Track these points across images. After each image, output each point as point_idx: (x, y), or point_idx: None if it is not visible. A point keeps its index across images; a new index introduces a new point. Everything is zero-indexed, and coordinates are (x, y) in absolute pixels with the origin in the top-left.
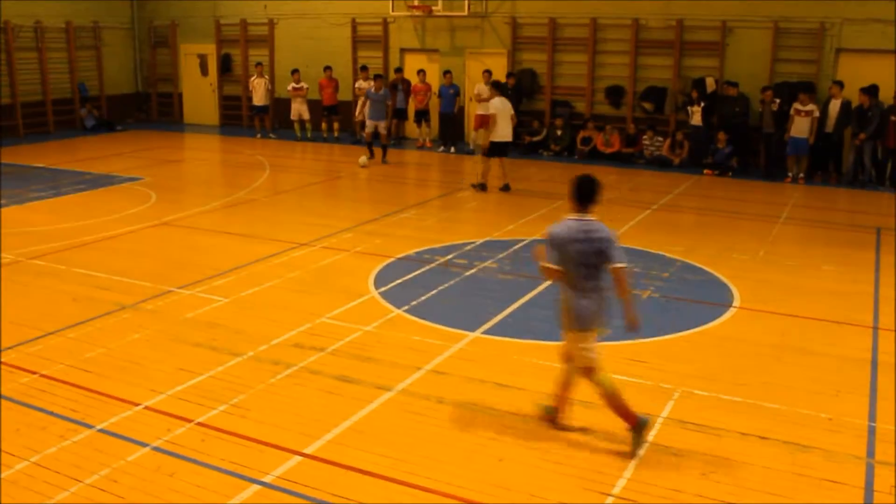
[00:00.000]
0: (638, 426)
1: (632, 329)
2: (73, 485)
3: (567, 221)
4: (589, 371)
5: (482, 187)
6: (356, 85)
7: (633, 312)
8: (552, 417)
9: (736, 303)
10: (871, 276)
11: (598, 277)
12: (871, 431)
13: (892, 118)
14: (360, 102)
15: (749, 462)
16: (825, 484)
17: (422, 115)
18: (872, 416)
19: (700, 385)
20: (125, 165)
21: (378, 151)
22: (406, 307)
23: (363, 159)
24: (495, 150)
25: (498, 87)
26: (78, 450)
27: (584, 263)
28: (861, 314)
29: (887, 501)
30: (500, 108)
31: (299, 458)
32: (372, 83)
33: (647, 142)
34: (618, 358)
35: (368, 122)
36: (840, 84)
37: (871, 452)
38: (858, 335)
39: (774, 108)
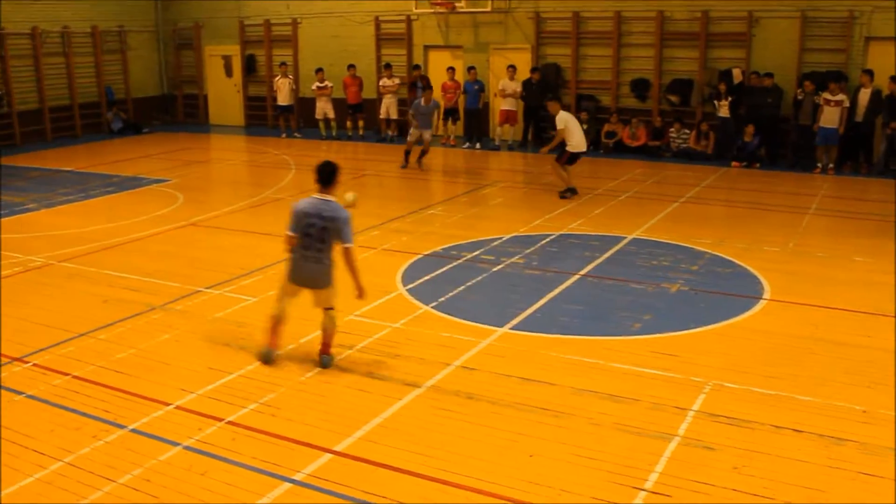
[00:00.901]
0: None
1: (360, 297)
2: (106, 484)
3: (309, 198)
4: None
5: (572, 191)
6: (380, 83)
7: (360, 283)
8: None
9: (766, 295)
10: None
11: (320, 250)
12: None
13: None
14: (384, 101)
15: (783, 455)
16: (861, 477)
17: (450, 113)
18: None
19: (731, 378)
20: (152, 167)
21: (414, 155)
22: (434, 303)
23: (349, 196)
24: (573, 159)
25: (559, 100)
26: (111, 450)
27: (310, 234)
28: (894, 304)
29: None
30: (568, 119)
31: (330, 455)
32: (421, 93)
33: (673, 134)
34: (647, 351)
35: (413, 131)
36: (870, 73)
37: None
38: (891, 326)
39: (818, 100)
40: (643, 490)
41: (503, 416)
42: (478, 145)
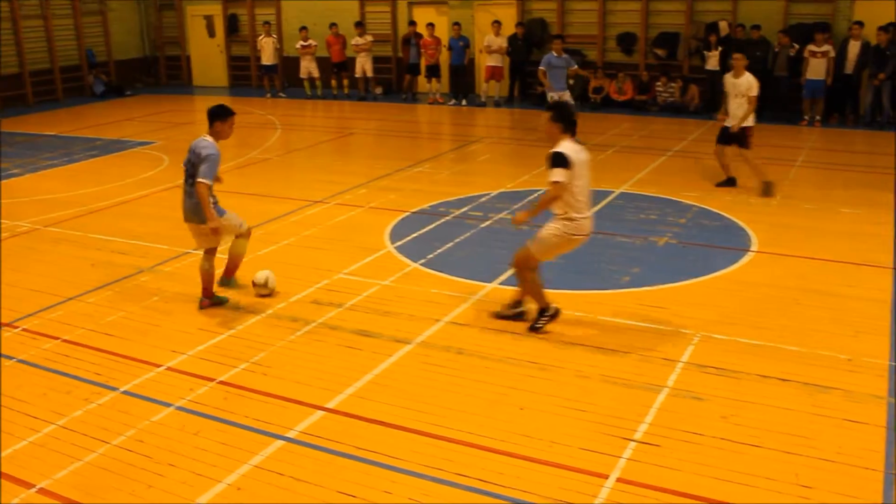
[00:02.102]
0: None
1: (214, 233)
2: (100, 446)
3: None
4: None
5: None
6: (353, 42)
7: (211, 217)
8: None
9: (754, 247)
10: (890, 217)
11: (191, 185)
12: (892, 371)
13: None
14: (358, 60)
15: (769, 404)
16: (845, 424)
17: (432, 70)
18: (893, 356)
19: (719, 329)
20: (136, 130)
21: None
22: (423, 261)
23: (260, 278)
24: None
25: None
26: (103, 412)
27: (186, 170)
28: (880, 255)
29: None
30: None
31: (322, 412)
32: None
33: (660, 88)
34: (635, 304)
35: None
36: (860, 24)
37: (891, 391)
38: (878, 276)
39: (792, 52)
40: (633, 441)
41: (493, 371)
42: (464, 102)
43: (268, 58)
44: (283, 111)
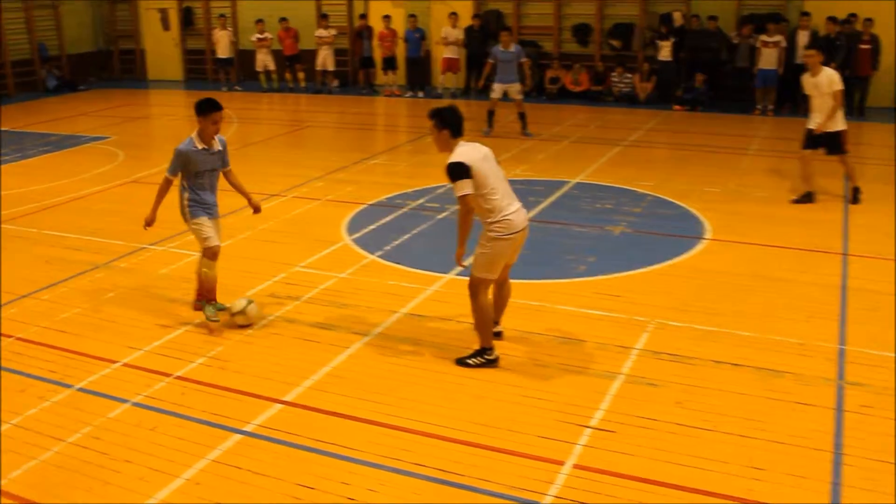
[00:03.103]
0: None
1: (145, 226)
2: (55, 444)
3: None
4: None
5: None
6: (316, 34)
7: (150, 212)
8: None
9: (708, 234)
10: (840, 205)
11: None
12: (841, 354)
13: (860, 46)
14: (320, 53)
15: (723, 389)
16: (798, 407)
17: (389, 63)
18: (842, 340)
19: (674, 316)
20: (90, 125)
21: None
22: (380, 252)
23: (239, 306)
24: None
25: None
26: (59, 410)
27: None
28: (831, 241)
29: (858, 420)
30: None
31: (280, 405)
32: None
33: (615, 79)
34: (591, 293)
35: (496, 87)
36: (808, 14)
37: (841, 374)
38: (829, 262)
39: (756, 42)
40: (589, 427)
41: (450, 361)
42: (421, 94)
43: (223, 51)
44: (239, 105)
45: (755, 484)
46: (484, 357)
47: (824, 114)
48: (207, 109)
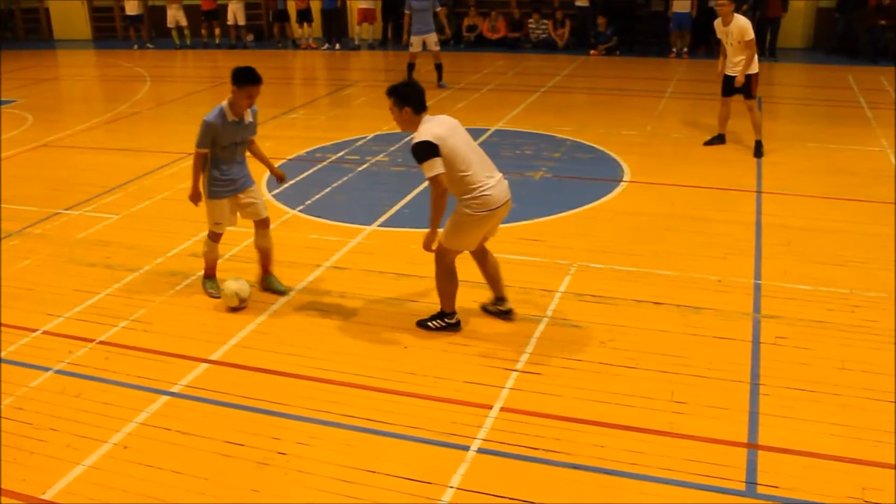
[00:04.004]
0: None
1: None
2: None
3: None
4: None
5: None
6: None
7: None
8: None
9: (626, 177)
10: (753, 143)
11: None
12: (757, 289)
13: None
14: (230, 7)
15: (645, 327)
16: (717, 341)
17: (304, 15)
18: (758, 275)
19: (595, 258)
20: None
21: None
22: (301, 207)
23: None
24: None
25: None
26: None
27: None
28: (745, 179)
29: (773, 351)
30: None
31: (206, 364)
32: None
33: (532, 25)
34: (514, 238)
35: (414, 39)
36: None
37: (757, 308)
38: (744, 199)
39: None
40: (515, 371)
41: (376, 312)
42: (337, 46)
43: (132, 7)
44: (151, 63)
45: (677, 417)
46: (444, 321)
47: (738, 62)
48: (245, 81)
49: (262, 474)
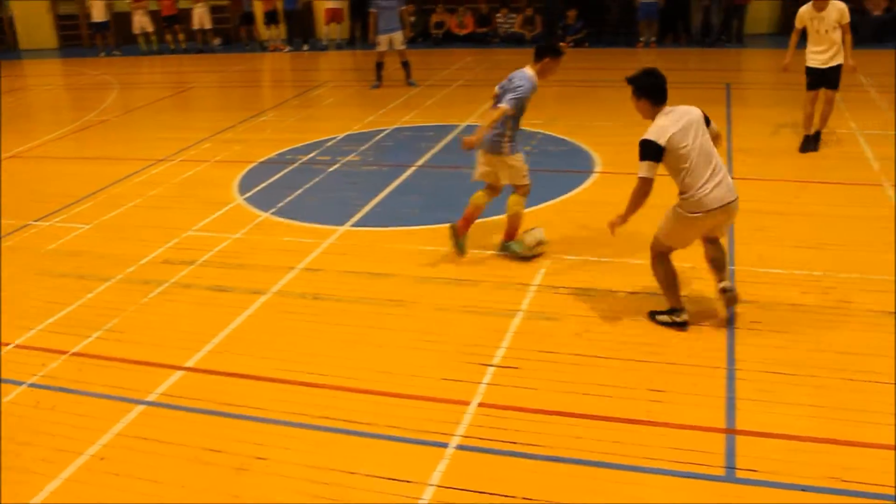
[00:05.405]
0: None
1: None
2: None
3: None
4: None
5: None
6: None
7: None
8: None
9: (598, 168)
10: (723, 131)
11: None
12: (732, 274)
13: None
14: (195, 11)
15: (620, 317)
16: (692, 328)
17: (270, 17)
18: (732, 260)
19: (569, 250)
20: None
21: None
22: (273, 210)
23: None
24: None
25: None
26: None
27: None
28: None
29: (748, 336)
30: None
31: (181, 372)
32: None
33: (500, 20)
34: (491, 232)
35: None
36: None
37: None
38: None
39: None
40: (492, 366)
41: (350, 312)
42: (305, 47)
43: (98, 14)
44: (119, 70)
45: (654, 406)
46: (672, 317)
47: (832, 50)
48: (561, 53)
49: (240, 480)
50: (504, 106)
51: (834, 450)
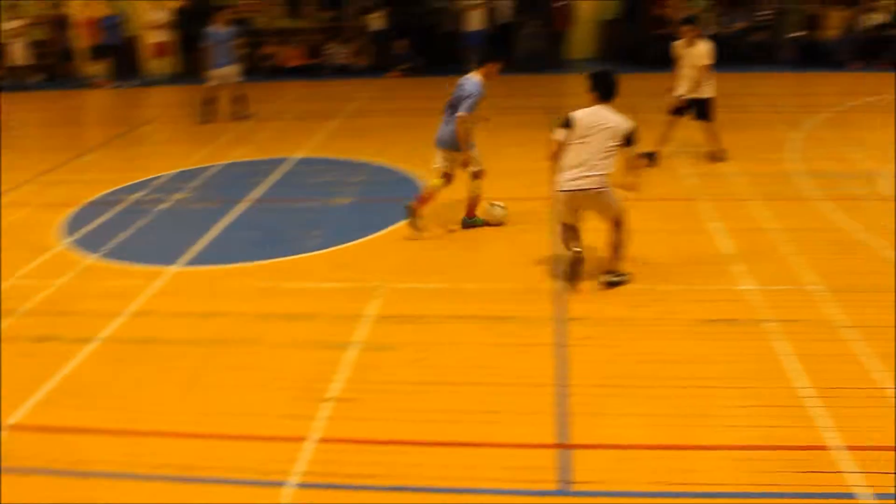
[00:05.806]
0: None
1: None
2: None
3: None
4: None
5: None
6: (3, 27)
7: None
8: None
9: None
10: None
11: (450, 114)
12: (560, 293)
13: (554, 3)
14: (12, 48)
15: (454, 342)
16: (524, 348)
17: (98, 52)
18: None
19: (402, 278)
20: None
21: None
22: (101, 252)
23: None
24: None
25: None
26: None
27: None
28: (542, 188)
29: (580, 352)
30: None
31: (4, 432)
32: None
33: (331, 51)
34: (322, 266)
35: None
36: None
37: (562, 311)
38: (541, 207)
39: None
40: (330, 400)
41: (183, 355)
42: (136, 81)
43: None
44: None
45: (490, 427)
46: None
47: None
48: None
49: None
50: (462, 113)
51: (671, 454)
